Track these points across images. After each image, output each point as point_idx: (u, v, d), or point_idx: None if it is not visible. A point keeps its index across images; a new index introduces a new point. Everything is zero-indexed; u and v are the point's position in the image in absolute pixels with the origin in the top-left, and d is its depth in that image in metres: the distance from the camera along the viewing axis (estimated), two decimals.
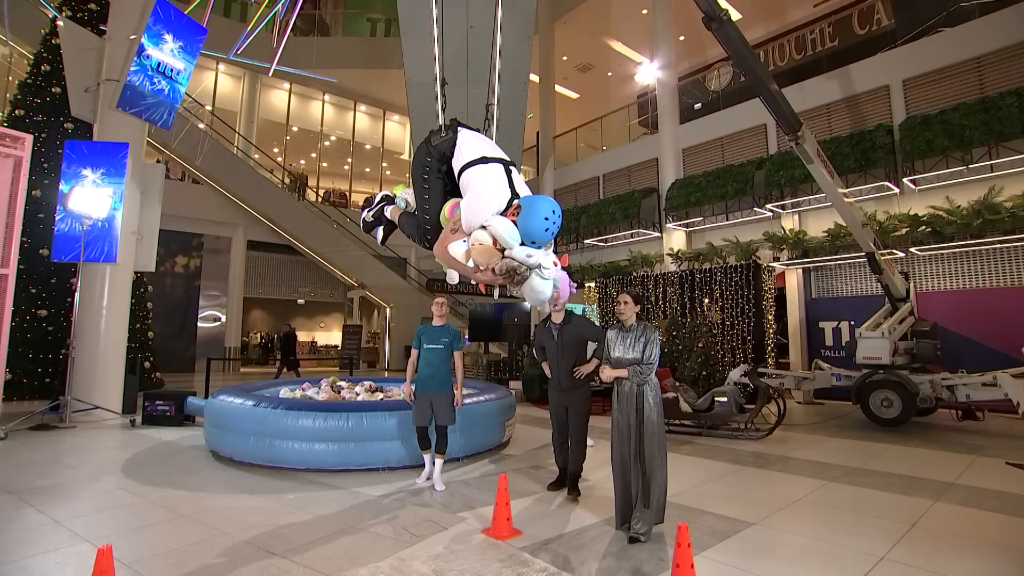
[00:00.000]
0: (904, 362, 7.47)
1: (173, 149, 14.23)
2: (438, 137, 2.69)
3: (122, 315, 7.93)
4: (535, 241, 2.35)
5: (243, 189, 15.81)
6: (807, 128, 6.74)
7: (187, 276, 17.12)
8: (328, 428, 4.76)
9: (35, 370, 8.87)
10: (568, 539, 3.38)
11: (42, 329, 9.04)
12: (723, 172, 11.45)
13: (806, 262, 10.14)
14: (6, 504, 3.90)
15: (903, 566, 2.96)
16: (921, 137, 8.71)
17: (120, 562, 2.82)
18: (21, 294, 8.77)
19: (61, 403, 7.01)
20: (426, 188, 2.74)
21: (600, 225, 13.50)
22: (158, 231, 8.52)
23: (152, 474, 4.82)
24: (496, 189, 2.46)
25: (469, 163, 2.55)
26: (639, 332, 3.48)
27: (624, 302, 3.55)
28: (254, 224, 16.90)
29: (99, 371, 7.55)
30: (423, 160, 2.73)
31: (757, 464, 5.36)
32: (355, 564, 2.96)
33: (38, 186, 9.09)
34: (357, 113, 21.82)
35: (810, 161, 6.82)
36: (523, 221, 2.34)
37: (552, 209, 2.36)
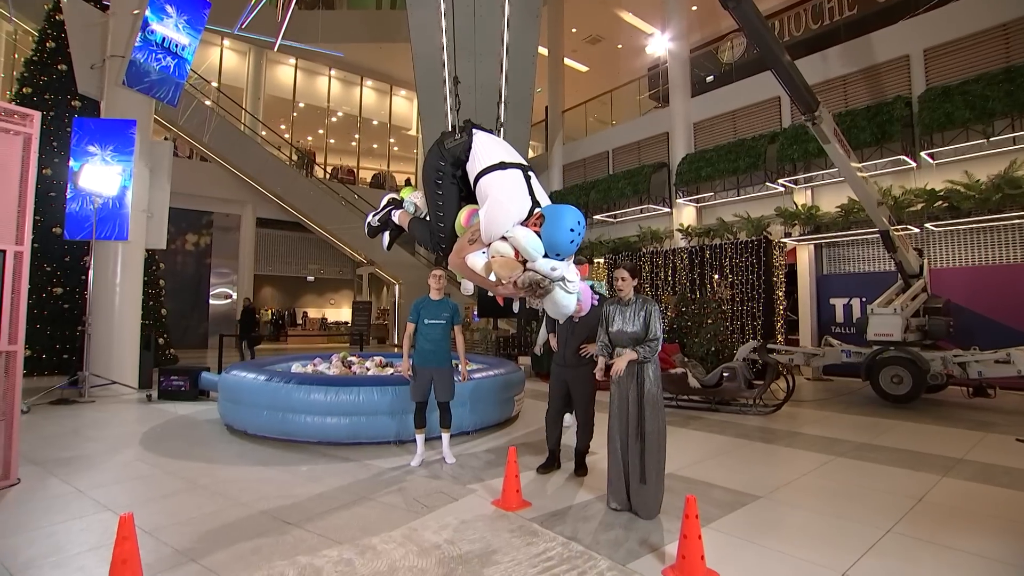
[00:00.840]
0: (916, 339, 7.41)
1: (180, 126, 14.18)
2: (451, 140, 2.54)
3: (135, 292, 8.03)
4: (559, 253, 2.24)
5: (251, 166, 15.78)
6: (824, 108, 6.56)
7: (197, 254, 17.26)
8: (339, 402, 4.84)
9: (53, 347, 9.05)
10: (576, 511, 3.44)
11: (58, 307, 9.18)
12: (735, 146, 11.25)
13: (818, 238, 10.01)
14: (32, 474, 4.03)
15: (909, 539, 2.98)
16: (941, 109, 8.47)
17: (141, 529, 2.91)
18: (36, 272, 8.90)
19: (79, 378, 7.17)
20: (440, 195, 2.59)
21: (609, 200, 13.37)
22: (168, 209, 8.57)
23: (169, 446, 4.94)
24: (517, 197, 2.33)
25: (486, 169, 2.41)
26: (638, 306, 3.43)
27: (621, 278, 3.49)
28: (263, 201, 16.91)
29: (115, 347, 7.70)
30: (436, 164, 2.58)
31: (765, 439, 5.39)
32: (368, 533, 3.04)
33: (48, 165, 9.13)
34: (364, 88, 21.58)
35: (827, 141, 6.66)
36: (547, 232, 2.23)
37: (577, 220, 2.26)
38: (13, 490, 3.72)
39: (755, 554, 2.82)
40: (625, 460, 3.34)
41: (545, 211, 2.30)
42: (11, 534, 3.01)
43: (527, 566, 2.63)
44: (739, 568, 2.64)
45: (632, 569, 2.63)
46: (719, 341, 8.07)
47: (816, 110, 6.40)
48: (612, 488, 3.41)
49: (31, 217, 3.98)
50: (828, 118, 6.63)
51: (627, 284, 3.47)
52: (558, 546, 2.86)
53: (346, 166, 21.77)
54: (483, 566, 2.64)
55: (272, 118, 19.42)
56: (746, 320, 9.52)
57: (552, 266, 2.25)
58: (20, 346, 3.89)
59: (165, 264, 13.41)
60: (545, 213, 2.28)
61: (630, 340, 3.39)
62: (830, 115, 6.76)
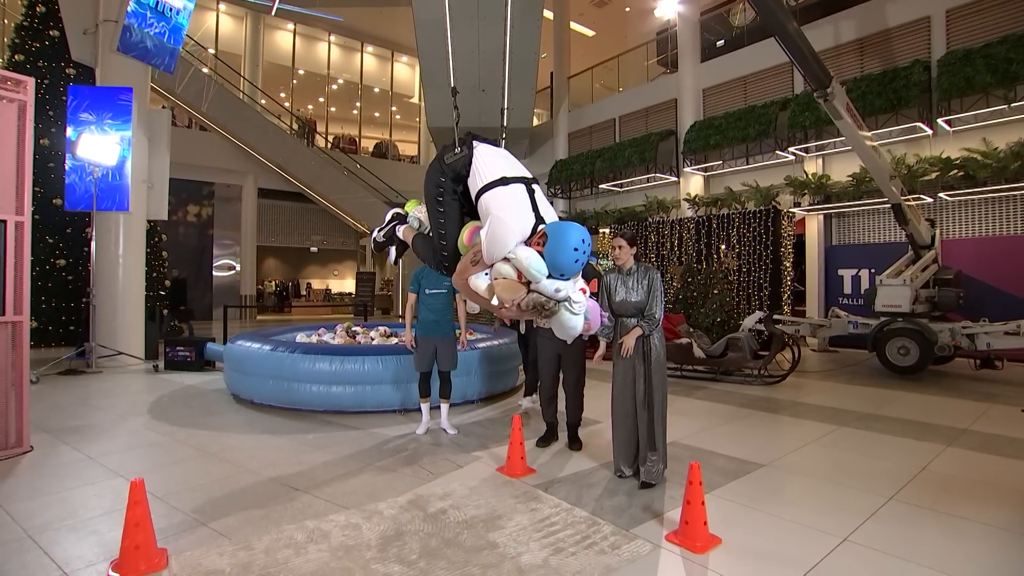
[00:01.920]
0: (924, 310, 7.38)
1: (178, 95, 13.98)
2: (451, 155, 2.46)
3: (138, 263, 8.05)
4: (563, 273, 2.17)
5: (251, 135, 15.61)
6: (837, 82, 6.33)
7: (200, 225, 17.25)
8: (345, 371, 4.89)
9: (59, 318, 9.15)
10: (581, 478, 3.50)
11: (62, 278, 9.24)
12: (745, 113, 11.02)
13: (828, 208, 9.89)
14: (43, 442, 4.12)
15: (911, 507, 3.02)
16: (961, 73, 8.22)
17: (152, 495, 2.97)
18: (38, 244, 8.93)
19: (86, 349, 7.26)
20: (441, 212, 2.53)
21: (615, 169, 13.20)
22: (168, 179, 8.52)
23: (177, 415, 5.03)
24: (519, 215, 2.26)
25: (488, 185, 2.34)
26: (640, 274, 3.38)
27: (619, 247, 3.41)
28: (264, 172, 16.79)
29: (120, 318, 7.76)
30: (436, 180, 2.51)
31: (769, 409, 5.44)
32: (374, 499, 3.10)
33: (46, 134, 9.06)
34: (364, 55, 21.15)
35: (839, 117, 6.44)
36: (550, 252, 2.15)
37: (582, 238, 2.17)
38: (26, 457, 3.80)
39: (757, 520, 2.87)
40: (634, 429, 3.37)
41: (548, 229, 2.22)
42: (27, 498, 3.10)
43: (532, 531, 2.68)
44: (742, 533, 2.69)
45: (635, 534, 2.68)
46: (725, 312, 8.06)
47: (828, 85, 6.16)
48: (621, 455, 3.43)
49: (30, 187, 3.95)
50: (841, 93, 6.39)
51: (625, 253, 3.41)
52: (562, 511, 2.92)
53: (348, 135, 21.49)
54: (488, 531, 2.69)
55: (271, 86, 19.11)
56: (752, 291, 9.49)
57: (556, 287, 2.18)
58: (26, 316, 3.92)
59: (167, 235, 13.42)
60: (548, 232, 2.21)
61: (634, 309, 3.37)
62: (843, 89, 6.53)
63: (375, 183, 17.39)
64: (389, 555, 2.45)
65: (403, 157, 22.10)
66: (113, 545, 2.48)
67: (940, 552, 2.51)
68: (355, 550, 2.49)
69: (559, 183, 14.67)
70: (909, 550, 2.52)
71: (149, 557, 2.34)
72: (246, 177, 17.08)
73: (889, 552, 2.50)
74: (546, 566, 2.37)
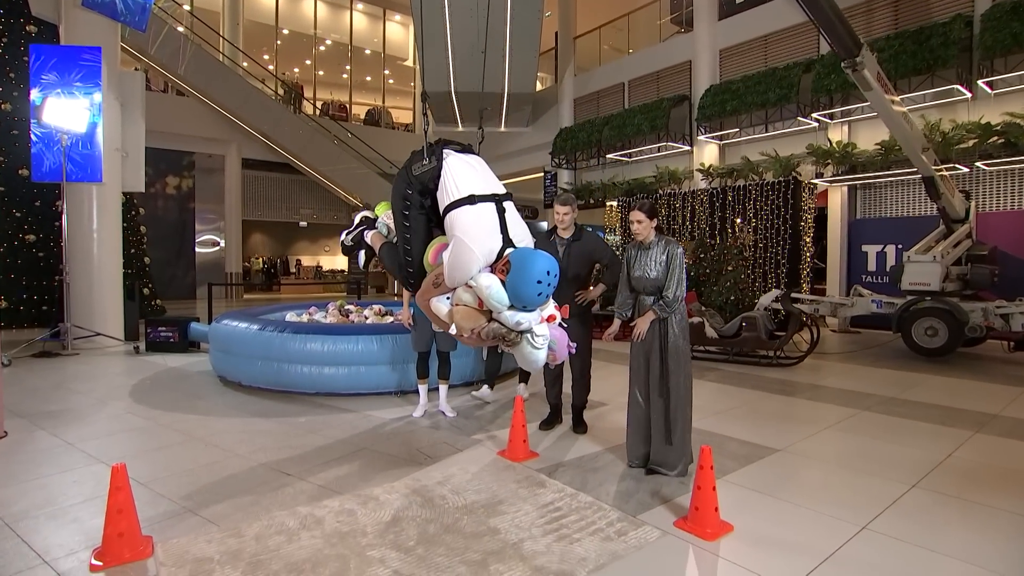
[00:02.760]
0: (955, 288, 7.35)
1: (152, 56, 13.77)
2: (419, 165, 2.42)
3: (114, 239, 8.03)
4: (526, 306, 2.15)
5: (233, 101, 15.41)
6: (867, 50, 6.10)
7: (180, 198, 17.15)
8: (337, 352, 4.91)
9: (31, 298, 9.14)
10: (586, 462, 3.53)
11: (32, 255, 9.21)
12: (765, 76, 10.83)
13: (853, 179, 9.79)
14: (19, 427, 4.15)
15: (935, 495, 3.04)
16: (1007, 29, 7.99)
17: (136, 481, 3.01)
18: (5, 218, 8.88)
19: (61, 330, 7.28)
20: (407, 226, 2.50)
21: (624, 138, 13.05)
22: (144, 148, 8.44)
23: (160, 399, 5.06)
24: (484, 240, 2.22)
25: (455, 203, 2.30)
26: (660, 248, 3.30)
27: (637, 220, 3.30)
28: (248, 140, 16.63)
29: (96, 297, 7.76)
30: (403, 191, 2.48)
31: (785, 392, 5.46)
32: (370, 484, 3.13)
33: (7, 98, 8.92)
34: (354, 13, 20.77)
35: (868, 88, 6.25)
36: (512, 283, 2.13)
37: (547, 270, 2.14)
38: (0, 443, 3.83)
39: (771, 507, 2.90)
40: (648, 417, 3.34)
41: (513, 258, 2.17)
42: (2, 486, 3.13)
43: (535, 516, 2.71)
44: (754, 520, 2.72)
45: (643, 520, 2.71)
46: (739, 290, 8.05)
47: (858, 54, 5.94)
48: (630, 444, 3.41)
49: None
50: (872, 61, 6.17)
51: (644, 227, 3.31)
52: (566, 497, 2.95)
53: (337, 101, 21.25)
54: (489, 516, 2.73)
55: (253, 47, 18.81)
56: (769, 268, 9.46)
57: (518, 320, 2.17)
58: None
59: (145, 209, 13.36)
60: (512, 260, 2.16)
61: (652, 286, 3.31)
62: (874, 57, 6.33)
63: (367, 153, 17.24)
64: (386, 541, 2.48)
65: (397, 125, 21.87)
66: (95, 533, 2.50)
67: (965, 542, 2.53)
68: (350, 536, 2.53)
69: (563, 153, 14.53)
70: (932, 539, 2.55)
71: (133, 545, 2.37)
72: (229, 146, 16.93)
73: (910, 541, 2.53)
74: (549, 552, 2.40)
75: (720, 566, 2.34)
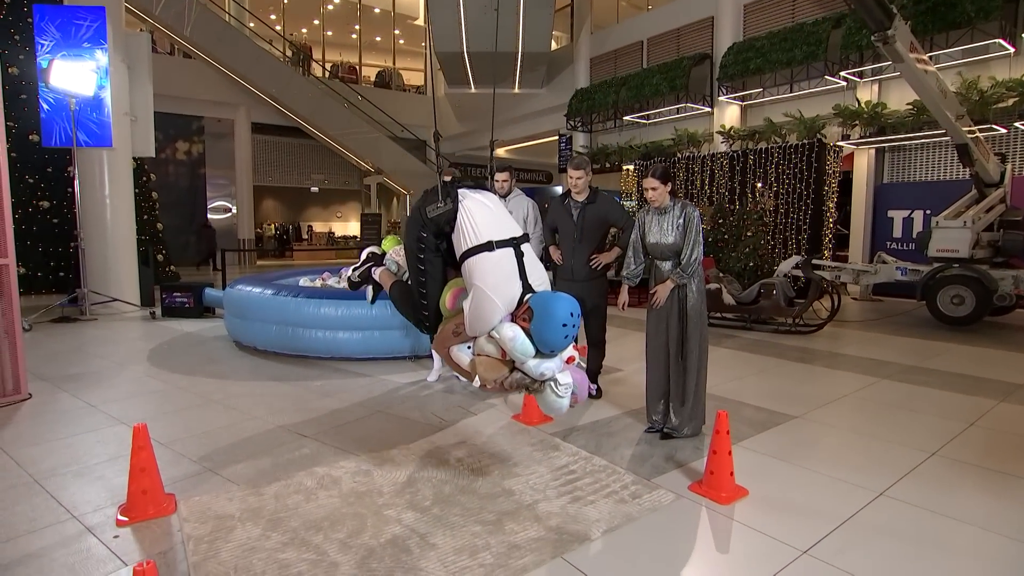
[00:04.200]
0: (985, 256, 7.19)
1: (157, 17, 13.61)
2: (434, 207, 2.37)
3: (127, 204, 8.10)
4: (553, 350, 2.16)
5: (240, 64, 15.26)
6: (900, 19, 5.76)
7: (191, 164, 17.22)
8: (352, 316, 4.96)
9: (47, 264, 9.33)
10: (600, 426, 3.57)
11: (47, 221, 9.35)
12: (792, 32, 10.44)
13: (881, 141, 9.51)
14: (42, 390, 4.29)
15: (955, 462, 3.04)
16: None
17: (157, 442, 3.10)
18: (19, 185, 8.99)
19: (78, 296, 7.44)
20: (422, 269, 2.46)
21: (642, 99, 12.74)
22: (153, 112, 8.42)
23: (178, 363, 5.18)
24: (504, 288, 2.20)
25: (473, 249, 2.27)
26: (676, 212, 3.26)
27: (652, 187, 3.24)
28: (257, 104, 16.52)
29: (111, 263, 7.88)
30: (417, 234, 2.43)
31: (803, 359, 5.44)
32: (385, 446, 3.20)
33: (13, 62, 8.92)
34: None
35: (900, 61, 5.96)
36: (537, 330, 2.13)
37: (570, 311, 2.14)
38: (25, 404, 3.97)
39: (787, 472, 2.92)
40: (666, 381, 3.37)
41: (534, 304, 2.17)
42: (30, 444, 3.25)
43: (549, 479, 2.77)
44: (770, 486, 2.74)
45: (657, 483, 2.75)
46: (759, 256, 7.96)
47: (889, 26, 5.60)
48: (651, 407, 3.45)
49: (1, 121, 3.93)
50: (905, 32, 5.85)
51: (659, 193, 3.25)
52: (580, 460, 2.99)
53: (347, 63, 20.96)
54: (504, 478, 2.78)
55: (260, 7, 18.53)
56: (790, 233, 9.31)
57: (542, 371, 2.19)
58: (11, 260, 3.99)
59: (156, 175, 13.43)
60: (534, 307, 2.16)
61: (670, 252, 3.27)
62: (907, 27, 5.97)
63: (379, 116, 17.06)
64: (402, 501, 2.55)
65: (408, 87, 21.57)
66: (120, 490, 2.60)
67: (985, 509, 2.54)
68: (367, 496, 2.60)
69: (579, 115, 14.26)
70: (951, 506, 2.56)
71: (157, 502, 2.46)
72: (237, 110, 16.86)
73: (927, 508, 2.54)
74: (563, 514, 2.45)
75: (734, 529, 2.38)
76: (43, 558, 2.14)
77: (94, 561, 2.12)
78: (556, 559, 2.13)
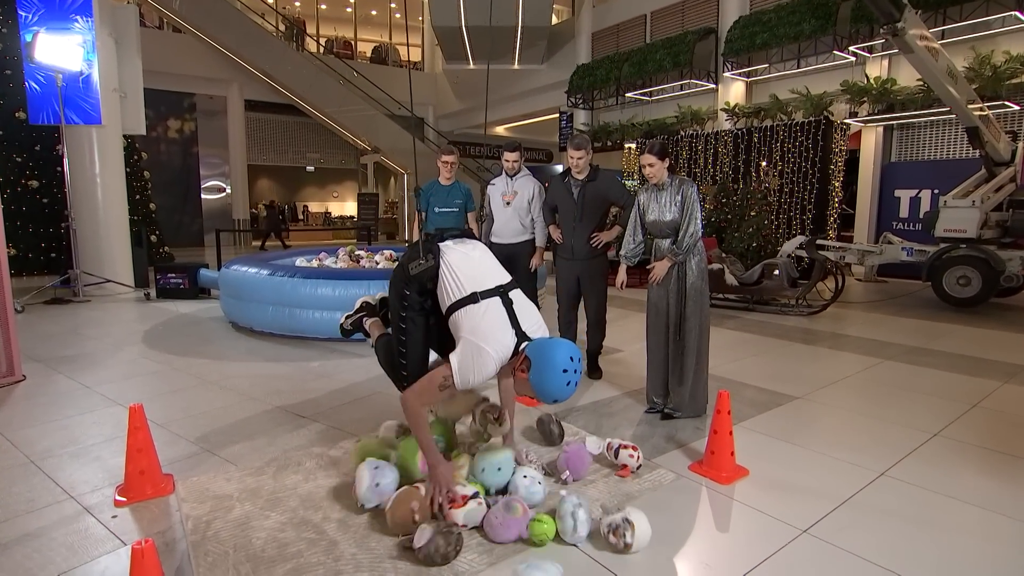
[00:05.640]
0: (993, 236, 7.18)
1: None
2: (416, 264, 2.34)
3: (118, 184, 8.05)
4: (556, 399, 2.07)
5: (232, 38, 15.05)
6: (910, 10, 5.64)
7: (183, 142, 17.07)
8: (349, 297, 4.94)
9: (38, 245, 9.30)
10: (601, 406, 3.60)
11: (37, 201, 9.30)
12: (800, 5, 10.29)
13: (890, 118, 9.43)
14: (36, 371, 4.30)
15: (957, 443, 3.07)
16: None
17: (154, 422, 3.12)
18: (6, 164, 8.93)
19: (71, 277, 7.43)
20: (403, 327, 2.43)
21: (644, 75, 12.61)
22: (143, 88, 8.33)
23: (173, 344, 5.20)
24: (496, 337, 2.13)
25: (457, 303, 2.23)
26: (674, 189, 3.27)
27: (649, 164, 3.24)
28: (250, 81, 16.34)
29: (103, 244, 7.86)
30: (400, 290, 2.41)
31: (806, 340, 5.46)
32: None
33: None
34: None
35: (910, 51, 5.87)
36: (537, 380, 2.04)
37: (570, 356, 2.05)
38: (20, 386, 3.99)
39: (788, 452, 2.94)
40: (666, 361, 3.38)
41: (530, 353, 2.09)
42: (26, 426, 3.27)
43: (548, 458, 2.79)
44: (770, 466, 2.77)
45: (657, 463, 2.78)
46: (762, 236, 7.94)
47: (900, 18, 5.47)
48: (650, 387, 3.48)
49: None
50: (915, 21, 5.74)
51: (657, 169, 3.25)
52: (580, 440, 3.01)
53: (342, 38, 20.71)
54: None
55: None
56: (794, 213, 9.28)
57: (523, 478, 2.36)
58: (1, 240, 3.97)
59: (148, 154, 13.34)
60: (531, 355, 2.08)
61: (669, 229, 3.29)
62: (917, 17, 5.83)
63: (375, 93, 16.88)
64: None
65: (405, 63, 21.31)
66: (117, 471, 2.63)
67: (986, 489, 2.57)
68: None
69: (580, 92, 14.12)
70: (951, 486, 2.58)
71: (155, 482, 2.48)
72: (230, 87, 16.67)
73: (929, 488, 2.57)
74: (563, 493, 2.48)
75: (735, 508, 2.41)
76: (42, 537, 2.17)
77: (93, 540, 2.15)
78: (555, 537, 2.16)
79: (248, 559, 2.00)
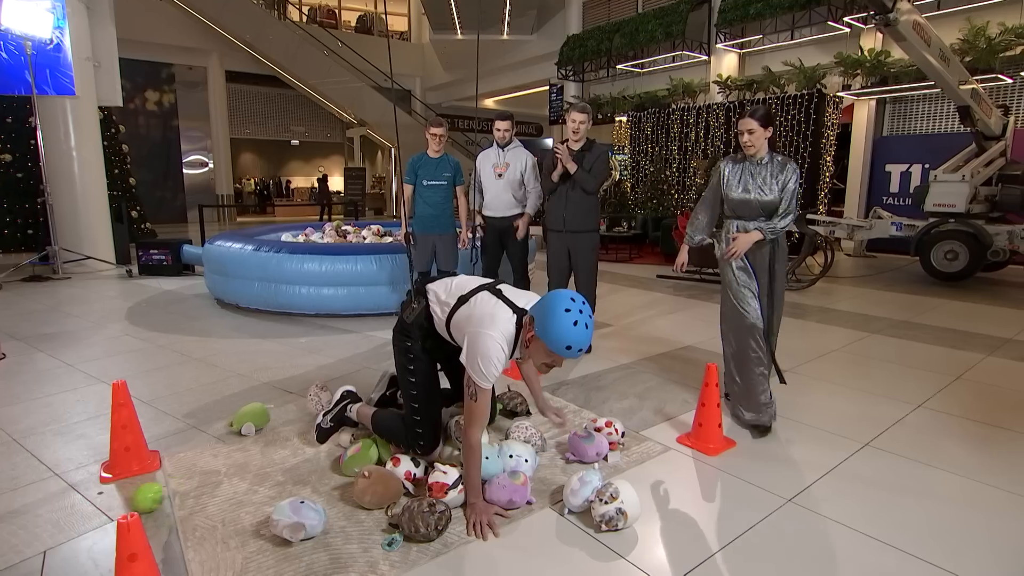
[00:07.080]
0: (982, 210, 7.24)
1: None
2: (409, 312, 2.41)
3: (95, 157, 7.87)
4: (570, 346, 1.98)
5: (211, 5, 14.62)
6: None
7: (162, 115, 16.69)
8: (336, 272, 4.94)
9: (14, 221, 9.10)
10: (589, 380, 3.63)
11: (10, 176, 9.07)
12: None
13: (883, 91, 9.41)
14: (17, 349, 4.26)
15: (941, 414, 3.14)
16: None
17: (139, 400, 3.12)
18: None
19: (49, 254, 7.30)
20: (412, 381, 2.42)
21: (636, 47, 12.43)
22: (117, 57, 8.10)
23: (157, 321, 5.15)
24: (495, 318, 2.12)
25: (449, 313, 2.27)
26: (776, 167, 2.86)
27: (748, 130, 2.84)
28: (231, 51, 15.93)
29: (82, 220, 7.71)
30: (403, 346, 2.42)
31: (794, 315, 5.50)
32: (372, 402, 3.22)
33: None
34: None
35: (902, 40, 5.73)
36: (544, 329, 1.99)
37: (570, 297, 2.01)
38: (0, 364, 3.94)
39: (775, 425, 2.99)
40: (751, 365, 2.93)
41: (533, 311, 2.10)
42: (6, 404, 3.25)
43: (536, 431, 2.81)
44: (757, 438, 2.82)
45: (645, 436, 2.82)
46: None
47: (892, 7, 5.32)
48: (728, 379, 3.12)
49: None
50: (909, 9, 5.58)
51: (757, 137, 2.84)
52: (569, 413, 3.05)
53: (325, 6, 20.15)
54: (494, 429, 2.83)
55: None
56: None
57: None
58: None
59: (126, 127, 13.03)
60: (534, 313, 2.08)
61: (766, 209, 2.87)
62: (911, 6, 5.67)
63: (360, 64, 16.55)
64: None
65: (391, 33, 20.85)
66: (102, 448, 2.62)
67: (965, 458, 2.63)
68: None
69: (571, 63, 13.92)
70: (932, 455, 2.65)
71: (141, 459, 2.48)
72: (209, 57, 16.25)
73: (911, 457, 2.63)
74: (552, 465, 2.52)
75: (721, 479, 2.45)
76: (27, 514, 2.16)
77: (79, 516, 2.15)
78: (544, 509, 2.20)
79: (236, 533, 2.01)
